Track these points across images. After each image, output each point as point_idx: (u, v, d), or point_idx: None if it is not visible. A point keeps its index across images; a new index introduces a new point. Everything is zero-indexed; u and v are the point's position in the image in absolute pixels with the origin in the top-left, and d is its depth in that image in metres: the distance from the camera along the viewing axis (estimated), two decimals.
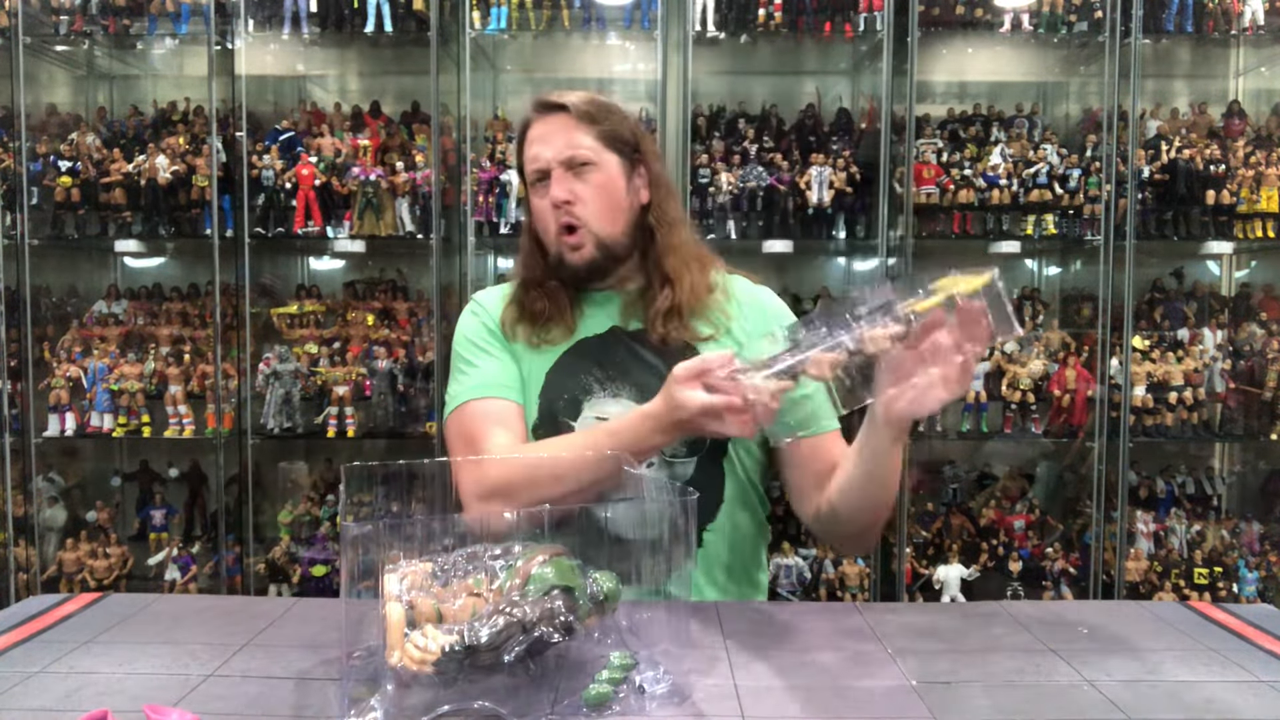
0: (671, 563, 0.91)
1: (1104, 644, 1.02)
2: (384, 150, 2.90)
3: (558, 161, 1.36)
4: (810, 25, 2.81)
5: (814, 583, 2.80)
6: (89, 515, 3.00)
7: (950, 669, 0.94)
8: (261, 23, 2.84)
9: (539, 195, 1.40)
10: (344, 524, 0.82)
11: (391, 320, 3.00)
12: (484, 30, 2.83)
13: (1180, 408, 2.79)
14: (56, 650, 0.99)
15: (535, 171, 1.39)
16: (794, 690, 0.88)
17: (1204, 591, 2.78)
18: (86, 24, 2.89)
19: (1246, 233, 2.87)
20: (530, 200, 1.44)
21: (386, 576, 0.84)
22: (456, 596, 0.86)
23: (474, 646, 0.79)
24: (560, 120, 1.38)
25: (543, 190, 1.38)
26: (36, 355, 2.92)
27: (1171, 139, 2.85)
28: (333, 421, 2.83)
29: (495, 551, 0.91)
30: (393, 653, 0.80)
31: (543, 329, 1.41)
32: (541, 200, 1.39)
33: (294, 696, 0.87)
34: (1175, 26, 2.80)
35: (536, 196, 1.40)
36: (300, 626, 1.07)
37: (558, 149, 1.36)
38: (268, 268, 3.04)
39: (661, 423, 1.14)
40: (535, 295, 1.42)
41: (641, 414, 1.18)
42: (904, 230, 2.76)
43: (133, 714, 0.81)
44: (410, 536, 0.89)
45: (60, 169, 2.87)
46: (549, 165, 1.37)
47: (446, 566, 0.89)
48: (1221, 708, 0.86)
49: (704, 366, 1.09)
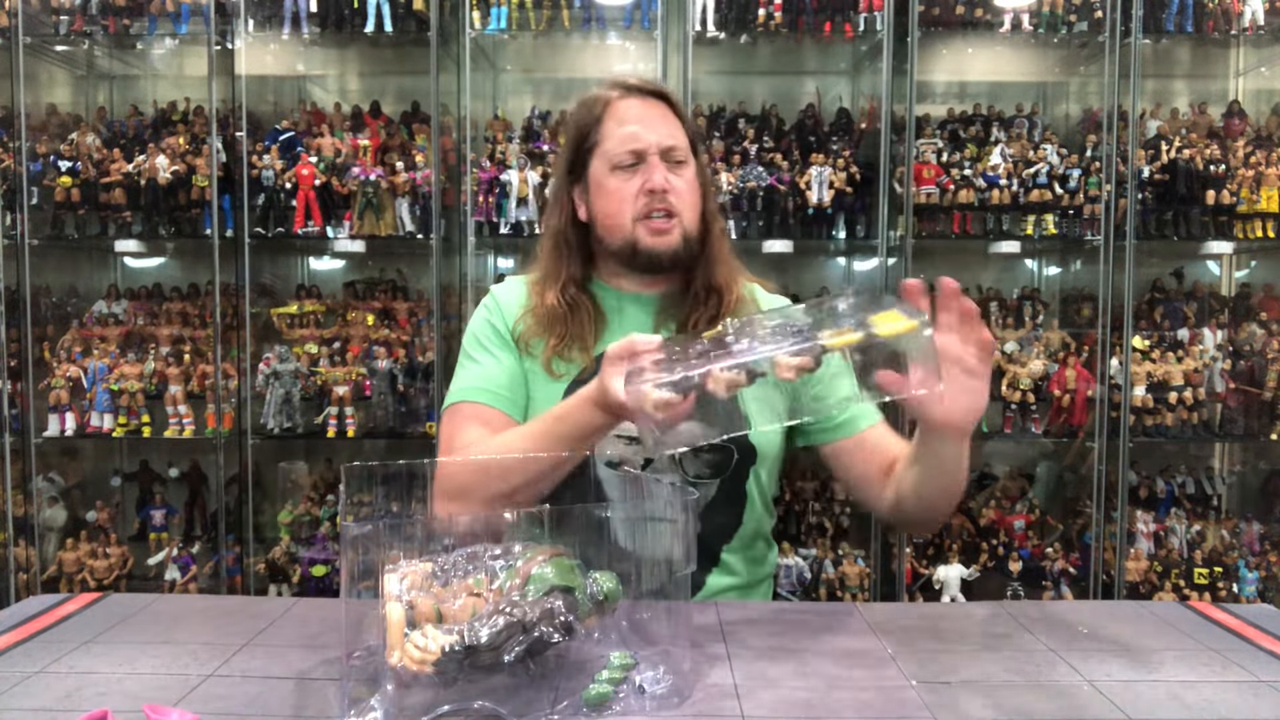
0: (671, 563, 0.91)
1: (1104, 644, 1.02)
2: (384, 150, 2.90)
3: (660, 148, 1.32)
4: (810, 25, 2.81)
5: (814, 583, 2.80)
6: (89, 515, 3.00)
7: (950, 669, 0.94)
8: (261, 23, 2.84)
9: (623, 178, 1.32)
10: (344, 524, 0.82)
11: (391, 320, 3.00)
12: (484, 30, 2.83)
13: (1180, 408, 2.79)
14: (56, 650, 0.98)
15: (631, 153, 1.32)
16: (794, 690, 0.88)
17: (1204, 591, 2.78)
18: (86, 24, 2.88)
19: (1246, 233, 2.87)
20: (605, 184, 1.34)
21: (386, 576, 0.84)
22: (456, 596, 0.86)
23: (474, 646, 0.79)
24: (661, 108, 1.35)
25: (628, 174, 1.32)
26: (36, 355, 2.92)
27: (1171, 139, 2.85)
28: (333, 421, 2.83)
29: (495, 551, 0.91)
30: (393, 653, 0.80)
31: (563, 349, 1.34)
32: (627, 183, 1.32)
33: (294, 696, 0.87)
34: (1175, 26, 2.80)
35: (619, 179, 1.33)
36: (300, 626, 1.07)
37: (661, 136, 1.32)
38: (268, 268, 3.04)
39: (598, 405, 1.09)
40: (556, 307, 1.35)
41: (581, 396, 1.13)
42: (904, 230, 2.76)
43: (133, 714, 0.81)
44: (410, 536, 0.89)
45: (60, 169, 2.87)
46: (649, 148, 1.31)
47: (446, 566, 0.89)
48: (1221, 708, 0.86)
49: (631, 348, 1.02)
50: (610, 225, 1.35)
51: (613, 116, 1.34)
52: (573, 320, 1.35)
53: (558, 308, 1.35)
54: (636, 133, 1.32)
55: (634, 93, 1.35)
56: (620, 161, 1.32)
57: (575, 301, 1.36)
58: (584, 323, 1.35)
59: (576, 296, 1.37)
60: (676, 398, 0.93)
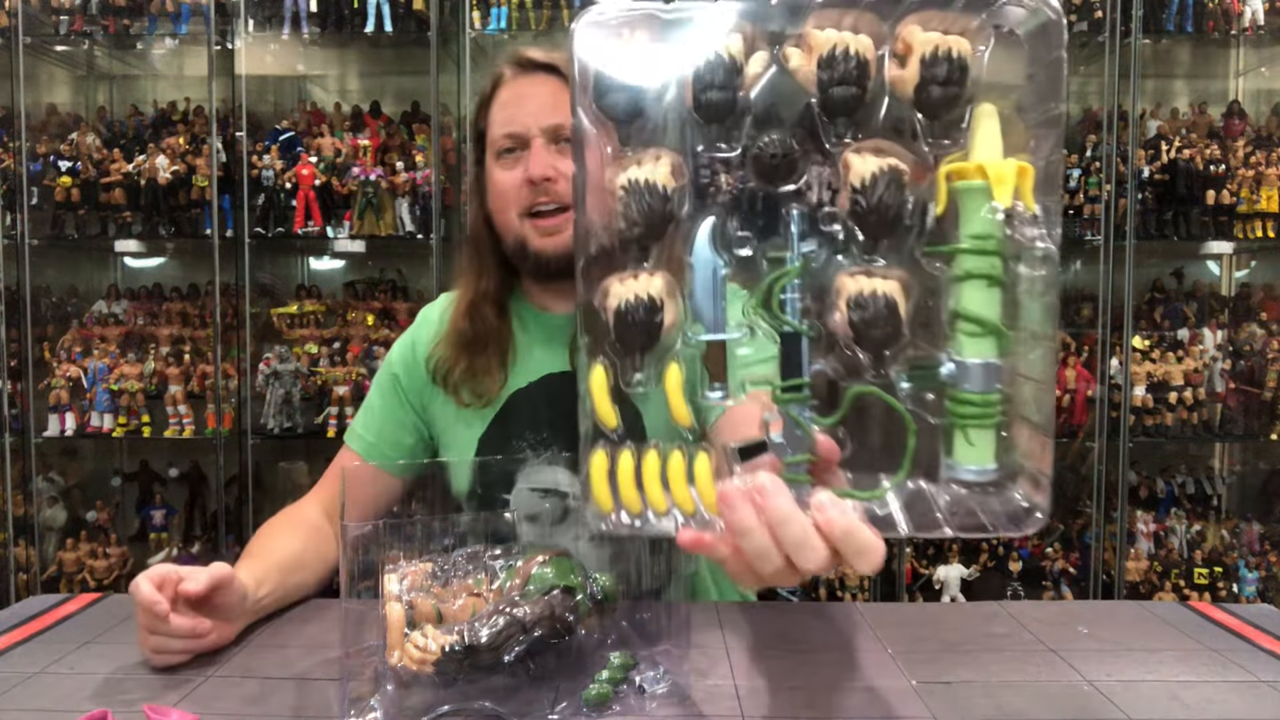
0: (671, 563, 0.91)
1: (1104, 644, 1.02)
2: (384, 150, 2.90)
3: (540, 130, 1.13)
4: None
5: (814, 583, 2.80)
6: (89, 515, 3.00)
7: (950, 669, 0.94)
8: (261, 23, 2.84)
9: (506, 167, 1.16)
10: (344, 524, 0.82)
11: (391, 320, 3.00)
12: (484, 30, 2.83)
13: (1180, 408, 2.79)
14: (56, 650, 0.98)
15: (507, 138, 1.15)
16: (794, 690, 0.88)
17: (1204, 591, 2.78)
18: (86, 24, 2.89)
19: (1246, 233, 2.87)
20: (491, 175, 1.18)
21: (386, 576, 0.84)
22: (456, 596, 0.86)
23: (474, 646, 0.80)
24: (548, 84, 1.15)
25: (510, 162, 1.16)
26: (36, 355, 2.92)
27: (1171, 139, 2.85)
28: (333, 421, 2.83)
29: (495, 551, 0.91)
30: (393, 653, 0.80)
31: (473, 382, 1.20)
32: (509, 173, 1.15)
33: (294, 696, 0.87)
34: (1175, 26, 2.80)
35: (502, 169, 1.16)
36: (300, 626, 1.07)
37: (544, 114, 1.13)
38: (268, 268, 3.04)
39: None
40: (464, 331, 1.21)
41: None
42: None
43: (133, 714, 0.81)
44: (410, 536, 0.89)
45: (60, 169, 2.87)
46: (527, 132, 1.14)
47: (446, 566, 0.89)
48: (1221, 708, 0.86)
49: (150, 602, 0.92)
50: (500, 224, 1.19)
51: (499, 98, 1.18)
52: (477, 346, 1.21)
53: (465, 331, 1.21)
54: (513, 115, 1.15)
55: (517, 67, 1.18)
56: (501, 148, 1.16)
57: (483, 323, 1.21)
58: (502, 346, 1.22)
59: (486, 316, 1.21)
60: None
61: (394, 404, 1.30)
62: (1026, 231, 0.67)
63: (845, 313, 0.68)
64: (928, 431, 0.68)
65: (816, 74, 0.67)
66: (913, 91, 0.67)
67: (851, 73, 0.66)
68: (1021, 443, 0.68)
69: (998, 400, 0.67)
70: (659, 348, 0.71)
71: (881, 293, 0.67)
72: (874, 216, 0.67)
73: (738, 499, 0.64)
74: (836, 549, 0.62)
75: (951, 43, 0.66)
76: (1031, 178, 0.66)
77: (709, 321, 0.71)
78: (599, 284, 0.71)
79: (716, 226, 0.72)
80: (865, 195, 0.67)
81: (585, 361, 0.71)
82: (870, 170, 0.67)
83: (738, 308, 0.72)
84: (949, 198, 0.67)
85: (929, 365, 0.68)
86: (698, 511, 0.71)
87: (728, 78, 0.68)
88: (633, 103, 0.70)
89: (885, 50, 0.68)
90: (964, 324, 0.66)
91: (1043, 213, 0.66)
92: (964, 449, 0.67)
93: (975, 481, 0.68)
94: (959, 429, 0.67)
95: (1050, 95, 0.68)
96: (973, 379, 0.66)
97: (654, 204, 0.70)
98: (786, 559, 0.63)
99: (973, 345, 0.66)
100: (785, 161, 0.70)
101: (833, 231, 0.69)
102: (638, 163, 0.71)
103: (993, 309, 0.66)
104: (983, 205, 0.65)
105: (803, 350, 0.69)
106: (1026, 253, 0.67)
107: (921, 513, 0.70)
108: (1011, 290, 0.67)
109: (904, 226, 0.68)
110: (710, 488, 0.69)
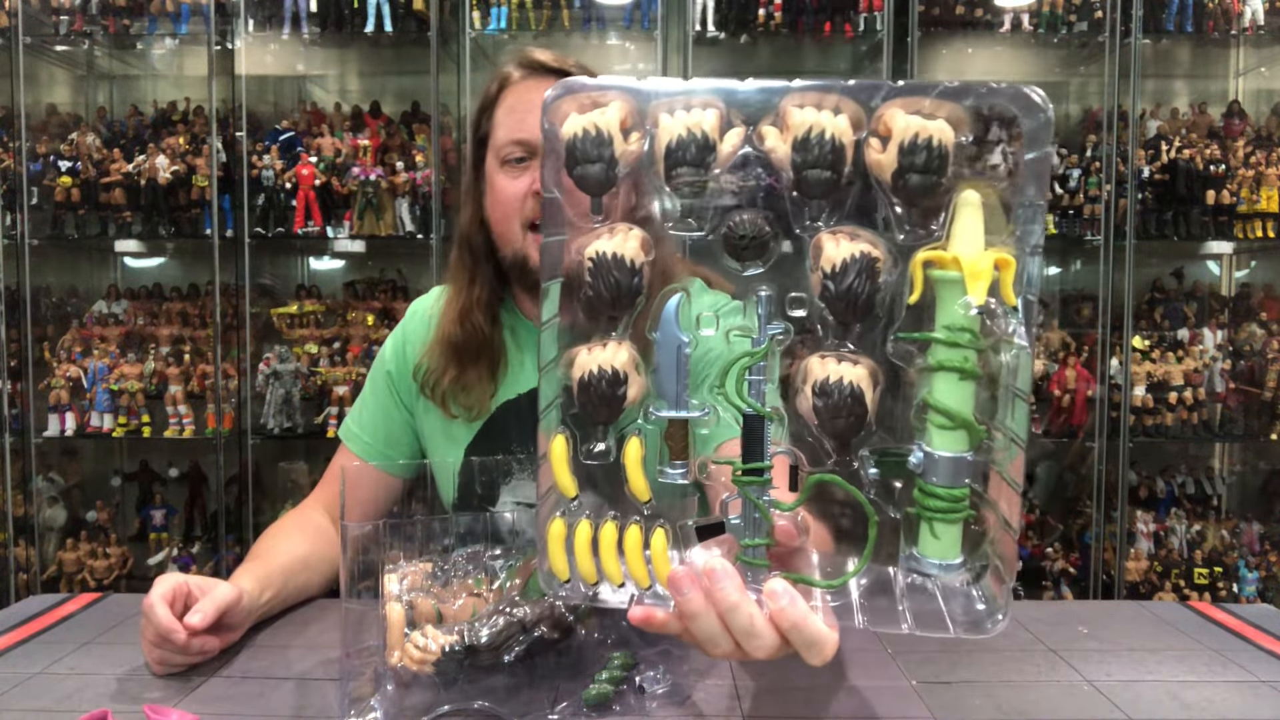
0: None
1: (1104, 644, 1.02)
2: (384, 150, 2.90)
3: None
4: (810, 25, 2.81)
5: None
6: (89, 515, 3.00)
7: (950, 669, 0.94)
8: (261, 23, 2.84)
9: (511, 175, 1.14)
10: (344, 524, 0.82)
11: (391, 320, 3.00)
12: (484, 30, 2.83)
13: (1180, 408, 2.79)
14: (56, 650, 0.98)
15: (515, 145, 1.13)
16: (794, 690, 0.88)
17: (1204, 591, 2.78)
18: (86, 24, 2.89)
19: (1246, 233, 2.87)
20: (493, 180, 1.16)
21: (386, 576, 0.84)
22: (456, 596, 0.86)
23: (474, 646, 0.80)
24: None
25: (516, 171, 1.14)
26: (36, 355, 2.92)
27: (1171, 139, 2.85)
28: (333, 421, 2.83)
29: (495, 551, 0.91)
30: (393, 653, 0.80)
31: (463, 394, 1.19)
32: (514, 182, 1.13)
33: (294, 696, 0.87)
34: (1175, 26, 2.80)
35: (507, 176, 1.14)
36: (300, 627, 1.07)
37: None
38: (268, 268, 3.04)
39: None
40: (453, 337, 1.18)
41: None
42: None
43: (133, 714, 0.81)
44: (410, 536, 0.89)
45: (60, 169, 2.87)
46: (537, 141, 1.05)
47: (446, 566, 0.89)
48: (1221, 708, 0.86)
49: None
50: (500, 234, 1.17)
51: (505, 101, 1.15)
52: (468, 356, 1.18)
53: (455, 338, 1.19)
54: (523, 120, 1.12)
55: (536, 72, 1.15)
56: (507, 155, 1.14)
57: (475, 331, 1.19)
58: (481, 359, 1.19)
59: (478, 324, 1.19)
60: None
61: (388, 402, 1.30)
62: (1003, 326, 0.65)
63: (810, 398, 0.67)
64: (890, 522, 0.68)
65: (790, 156, 0.66)
66: (890, 178, 0.65)
67: (826, 157, 0.65)
68: (990, 531, 0.68)
69: (965, 496, 0.66)
70: (621, 420, 0.71)
71: (848, 380, 0.66)
72: (843, 303, 0.66)
73: (686, 583, 0.64)
74: (786, 639, 0.63)
75: (933, 130, 0.64)
76: (1013, 270, 0.65)
77: (671, 398, 0.71)
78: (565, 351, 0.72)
79: (682, 302, 0.71)
80: (835, 280, 0.66)
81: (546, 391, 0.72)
82: (842, 256, 0.66)
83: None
84: (925, 285, 0.66)
85: (898, 453, 0.68)
86: (653, 586, 0.71)
87: (700, 155, 0.67)
88: (605, 174, 0.69)
89: (864, 134, 0.67)
90: (935, 415, 0.65)
91: (1022, 307, 0.65)
92: (928, 541, 0.67)
93: (938, 575, 0.68)
94: (925, 521, 0.67)
95: (1036, 190, 0.67)
96: (940, 473, 0.66)
97: (621, 278, 0.70)
98: (736, 643, 0.63)
99: (942, 438, 0.66)
100: (755, 243, 0.69)
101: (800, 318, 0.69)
102: (609, 233, 0.71)
103: (965, 402, 0.65)
104: (958, 297, 0.64)
105: (765, 434, 0.69)
106: (1004, 346, 0.66)
107: (883, 607, 0.70)
108: (988, 385, 0.66)
109: (874, 315, 0.67)
110: (666, 564, 0.70)
